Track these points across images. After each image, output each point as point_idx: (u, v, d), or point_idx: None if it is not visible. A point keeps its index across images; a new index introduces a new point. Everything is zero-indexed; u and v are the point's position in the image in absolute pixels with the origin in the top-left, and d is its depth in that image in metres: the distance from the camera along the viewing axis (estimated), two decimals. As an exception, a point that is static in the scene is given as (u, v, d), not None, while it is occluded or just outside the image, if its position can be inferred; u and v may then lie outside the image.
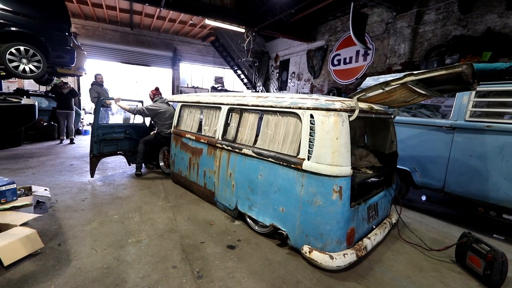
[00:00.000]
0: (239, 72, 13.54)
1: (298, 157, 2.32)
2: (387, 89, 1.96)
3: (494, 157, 2.94)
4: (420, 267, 2.42)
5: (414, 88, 2.06)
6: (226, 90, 12.92)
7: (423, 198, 4.33)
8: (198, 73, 14.33)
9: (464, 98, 3.21)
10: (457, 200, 3.42)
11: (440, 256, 2.61)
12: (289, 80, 12.83)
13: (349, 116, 2.21)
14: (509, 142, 2.82)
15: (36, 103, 2.77)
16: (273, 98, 2.70)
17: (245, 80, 13.81)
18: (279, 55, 13.41)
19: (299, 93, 11.58)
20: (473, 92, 3.12)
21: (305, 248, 2.29)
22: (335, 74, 10.03)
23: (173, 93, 13.29)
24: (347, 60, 9.46)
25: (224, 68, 14.38)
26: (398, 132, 3.69)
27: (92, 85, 7.39)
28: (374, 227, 2.76)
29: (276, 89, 13.64)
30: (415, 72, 1.81)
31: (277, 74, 13.62)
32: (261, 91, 13.62)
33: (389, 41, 7.78)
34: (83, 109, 11.38)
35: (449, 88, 2.29)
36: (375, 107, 2.78)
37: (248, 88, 14.06)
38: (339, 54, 9.80)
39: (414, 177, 3.70)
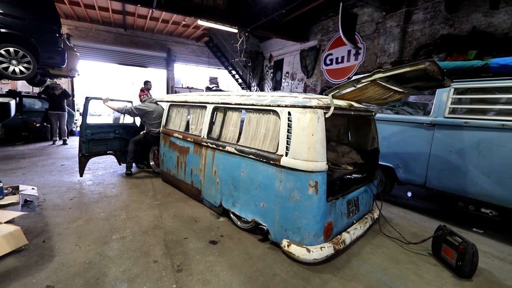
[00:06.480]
0: (233, 72, 13.58)
1: (276, 153, 2.38)
2: (358, 86, 2.03)
3: (471, 152, 3.02)
4: (397, 260, 2.49)
5: (385, 85, 2.12)
6: (220, 91, 12.97)
7: (409, 194, 4.41)
8: (193, 73, 14.35)
9: (444, 95, 3.29)
10: (438, 195, 3.50)
11: (417, 249, 2.67)
12: (283, 80, 12.89)
13: (325, 113, 2.27)
14: (485, 137, 2.90)
15: (13, 102, 2.81)
16: (255, 96, 2.77)
17: (240, 81, 13.86)
18: (273, 55, 13.47)
19: (292, 92, 11.64)
20: (451, 90, 3.20)
21: (284, 242, 2.35)
22: (327, 74, 10.11)
23: (167, 94, 13.29)
24: (339, 60, 9.53)
25: (218, 68, 14.41)
26: (382, 130, 3.76)
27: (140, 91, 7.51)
28: (355, 221, 2.83)
29: (270, 89, 13.69)
30: (383, 69, 1.87)
31: (272, 74, 13.67)
32: (256, 91, 13.66)
33: (379, 40, 7.87)
34: (77, 110, 11.36)
35: (423, 85, 2.36)
36: (355, 104, 2.84)
37: (243, 88, 14.09)
38: (331, 54, 9.88)
39: (398, 173, 3.77)
